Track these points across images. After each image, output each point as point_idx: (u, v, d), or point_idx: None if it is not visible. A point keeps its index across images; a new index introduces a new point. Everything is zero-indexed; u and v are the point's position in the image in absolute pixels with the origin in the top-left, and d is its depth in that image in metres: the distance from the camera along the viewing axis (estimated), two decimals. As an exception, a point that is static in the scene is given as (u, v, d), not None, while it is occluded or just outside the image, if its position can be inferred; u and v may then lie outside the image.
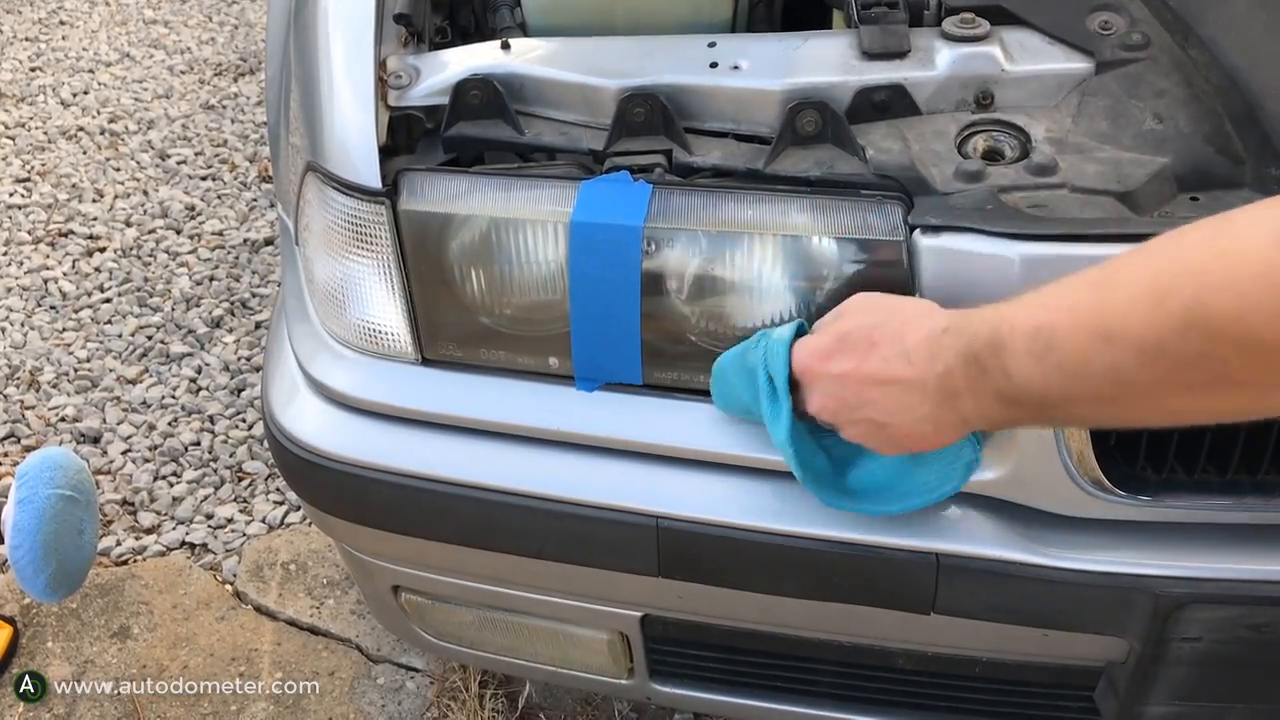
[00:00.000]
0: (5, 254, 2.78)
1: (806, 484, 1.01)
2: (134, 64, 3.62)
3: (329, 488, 1.22)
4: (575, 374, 1.12)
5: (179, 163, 3.11)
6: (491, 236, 1.10)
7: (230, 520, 2.09)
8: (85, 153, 3.17)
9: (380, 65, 1.16)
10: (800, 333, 0.98)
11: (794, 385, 0.98)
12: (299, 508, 2.07)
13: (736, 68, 1.13)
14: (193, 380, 2.41)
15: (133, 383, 2.41)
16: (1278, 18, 1.08)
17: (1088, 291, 0.71)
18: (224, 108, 3.37)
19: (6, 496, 1.44)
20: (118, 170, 3.09)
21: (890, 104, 1.12)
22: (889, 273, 1.00)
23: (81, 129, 3.26)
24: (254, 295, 2.63)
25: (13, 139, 3.23)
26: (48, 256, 2.78)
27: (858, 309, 0.93)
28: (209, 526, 2.08)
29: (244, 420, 2.31)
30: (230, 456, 2.23)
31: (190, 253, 2.77)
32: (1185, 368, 0.65)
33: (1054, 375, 0.72)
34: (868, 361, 0.86)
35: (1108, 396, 0.70)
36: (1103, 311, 0.68)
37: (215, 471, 2.20)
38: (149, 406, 2.35)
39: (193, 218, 2.90)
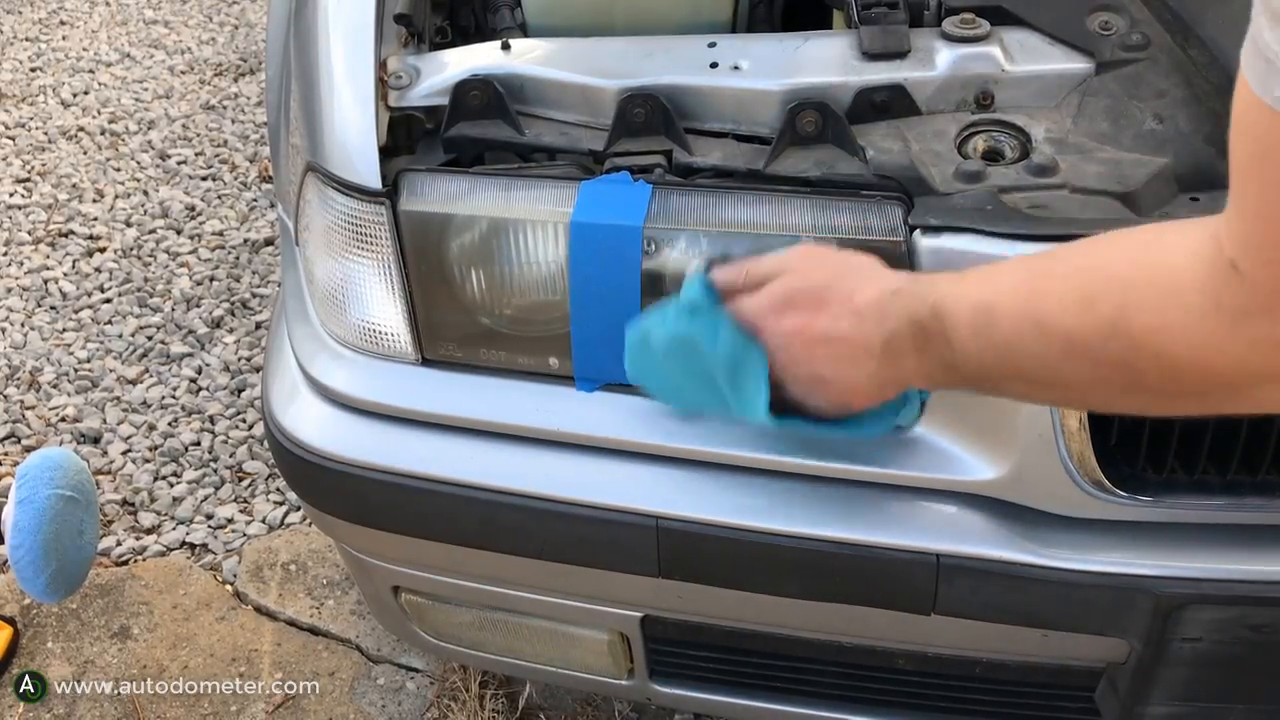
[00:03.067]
0: (5, 254, 2.78)
1: (748, 396, 0.92)
2: (134, 64, 3.62)
3: (329, 488, 1.22)
4: (575, 374, 1.12)
5: (179, 163, 3.11)
6: (492, 237, 1.10)
7: (230, 520, 2.09)
8: (85, 153, 3.17)
9: (380, 66, 1.16)
10: (708, 269, 0.93)
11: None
12: (299, 508, 2.07)
13: (737, 68, 1.13)
14: (193, 380, 2.41)
15: (133, 383, 2.41)
16: (1278, 18, 1.08)
17: (1027, 278, 0.73)
18: (224, 108, 3.37)
19: (6, 496, 1.44)
20: (118, 170, 3.09)
21: (890, 104, 1.12)
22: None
23: (82, 129, 3.26)
24: (254, 295, 2.63)
25: (13, 139, 3.23)
26: (48, 257, 2.77)
27: (805, 265, 0.90)
28: (209, 527, 2.08)
29: (244, 420, 2.31)
30: (230, 457, 2.23)
31: (190, 253, 2.77)
32: (1106, 369, 0.67)
33: (990, 351, 0.74)
34: (818, 320, 0.85)
35: (1041, 380, 0.73)
36: (1038, 300, 0.71)
37: (215, 472, 2.20)
38: (149, 407, 2.34)
39: (193, 218, 2.89)
